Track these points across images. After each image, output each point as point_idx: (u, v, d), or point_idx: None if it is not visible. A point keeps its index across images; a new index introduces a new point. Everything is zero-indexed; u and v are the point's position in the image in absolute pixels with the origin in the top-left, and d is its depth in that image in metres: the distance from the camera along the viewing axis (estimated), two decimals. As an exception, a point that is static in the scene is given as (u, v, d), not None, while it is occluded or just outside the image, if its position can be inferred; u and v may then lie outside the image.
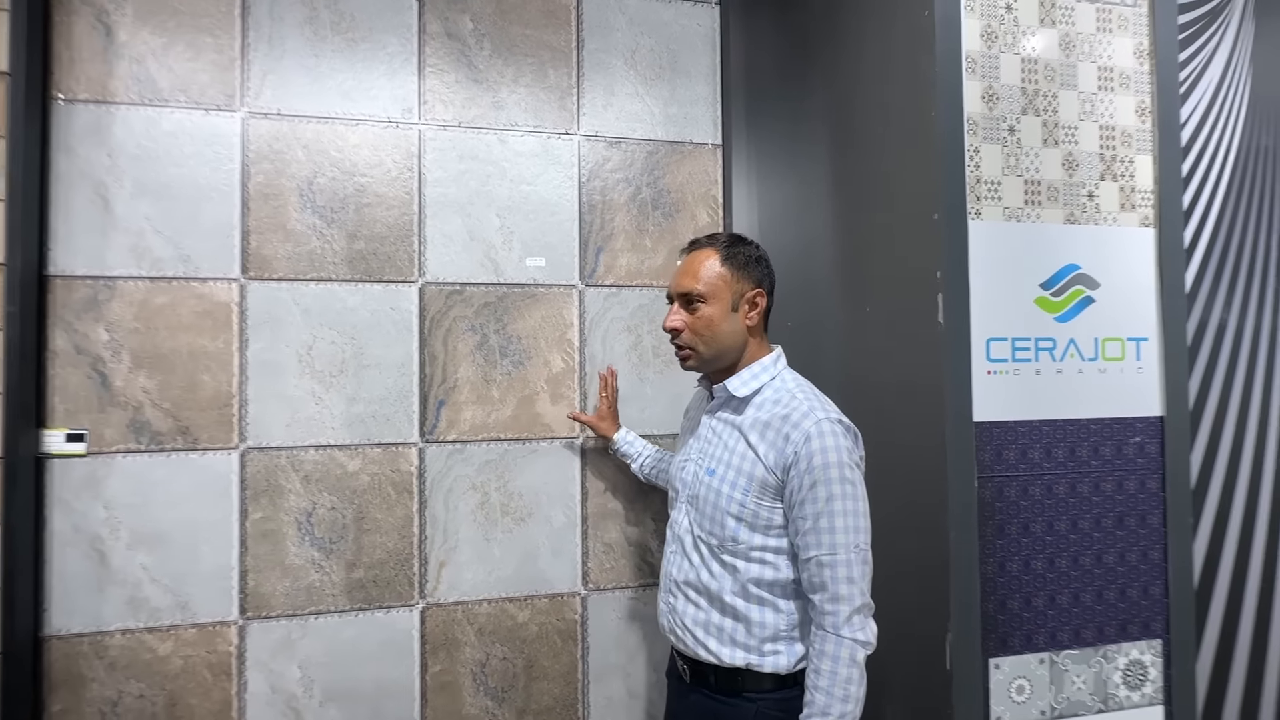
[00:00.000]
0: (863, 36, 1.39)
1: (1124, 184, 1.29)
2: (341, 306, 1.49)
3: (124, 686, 1.36)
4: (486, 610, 1.53)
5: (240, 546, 1.42)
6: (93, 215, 1.38)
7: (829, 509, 0.96)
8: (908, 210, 1.25)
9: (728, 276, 1.06)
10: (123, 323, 1.39)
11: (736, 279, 1.06)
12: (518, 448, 1.56)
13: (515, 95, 1.59)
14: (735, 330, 1.06)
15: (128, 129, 1.40)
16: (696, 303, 1.06)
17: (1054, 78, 1.26)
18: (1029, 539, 1.22)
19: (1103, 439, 1.26)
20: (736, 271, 1.06)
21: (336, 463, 1.47)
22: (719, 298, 1.05)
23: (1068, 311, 1.25)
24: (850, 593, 0.95)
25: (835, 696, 0.94)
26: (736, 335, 1.06)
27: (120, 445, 1.38)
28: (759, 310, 1.07)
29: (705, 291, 1.05)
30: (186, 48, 1.43)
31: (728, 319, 1.05)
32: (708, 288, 1.05)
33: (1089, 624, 1.24)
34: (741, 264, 1.07)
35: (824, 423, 0.99)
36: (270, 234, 1.46)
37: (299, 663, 1.44)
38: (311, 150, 1.48)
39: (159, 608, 1.38)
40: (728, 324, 1.05)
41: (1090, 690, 1.23)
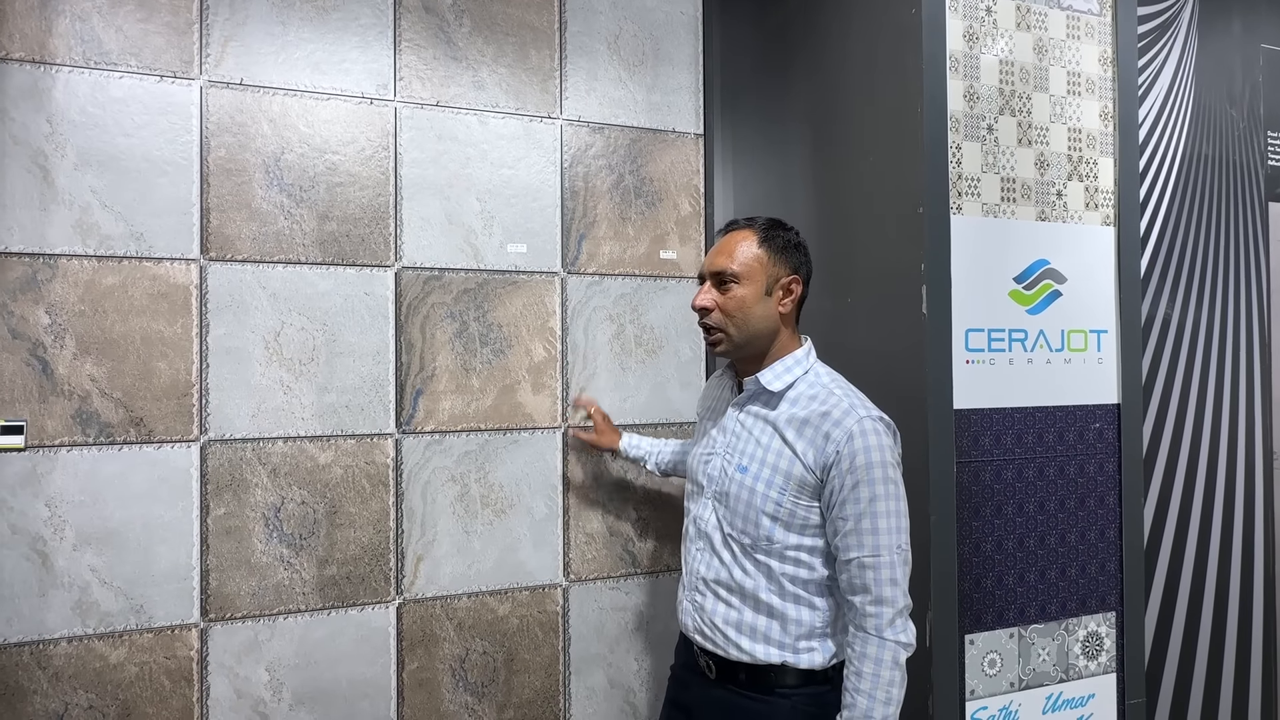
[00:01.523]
0: (846, 31, 1.41)
1: (1089, 184, 1.36)
2: (312, 291, 1.41)
3: (71, 698, 1.26)
4: (466, 604, 1.50)
5: (201, 545, 1.34)
6: (30, 186, 1.26)
7: (872, 510, 0.94)
8: (892, 204, 1.28)
9: (764, 259, 1.02)
10: (66, 305, 1.28)
11: (773, 262, 1.03)
12: (498, 438, 1.53)
13: (496, 75, 1.54)
14: (767, 315, 1.03)
15: (70, 94, 1.28)
16: (729, 283, 1.02)
17: (1028, 80, 1.32)
18: (1002, 520, 1.28)
19: (1067, 425, 1.33)
20: (774, 255, 1.03)
21: (307, 455, 1.40)
22: (753, 279, 1.01)
23: (1038, 304, 1.32)
24: (894, 595, 0.94)
25: (877, 700, 0.93)
26: (768, 321, 1.03)
27: (64, 438, 1.27)
28: (793, 298, 1.04)
29: (740, 272, 1.01)
30: (137, 7, 1.32)
31: (761, 303, 1.02)
32: (743, 268, 1.02)
33: (1053, 599, 1.31)
34: (779, 248, 1.04)
35: (865, 421, 0.97)
36: (233, 212, 1.37)
37: (267, 665, 1.37)
38: (278, 124, 1.40)
39: (110, 612, 1.29)
40: (760, 308, 1.02)
41: (1054, 661, 1.31)
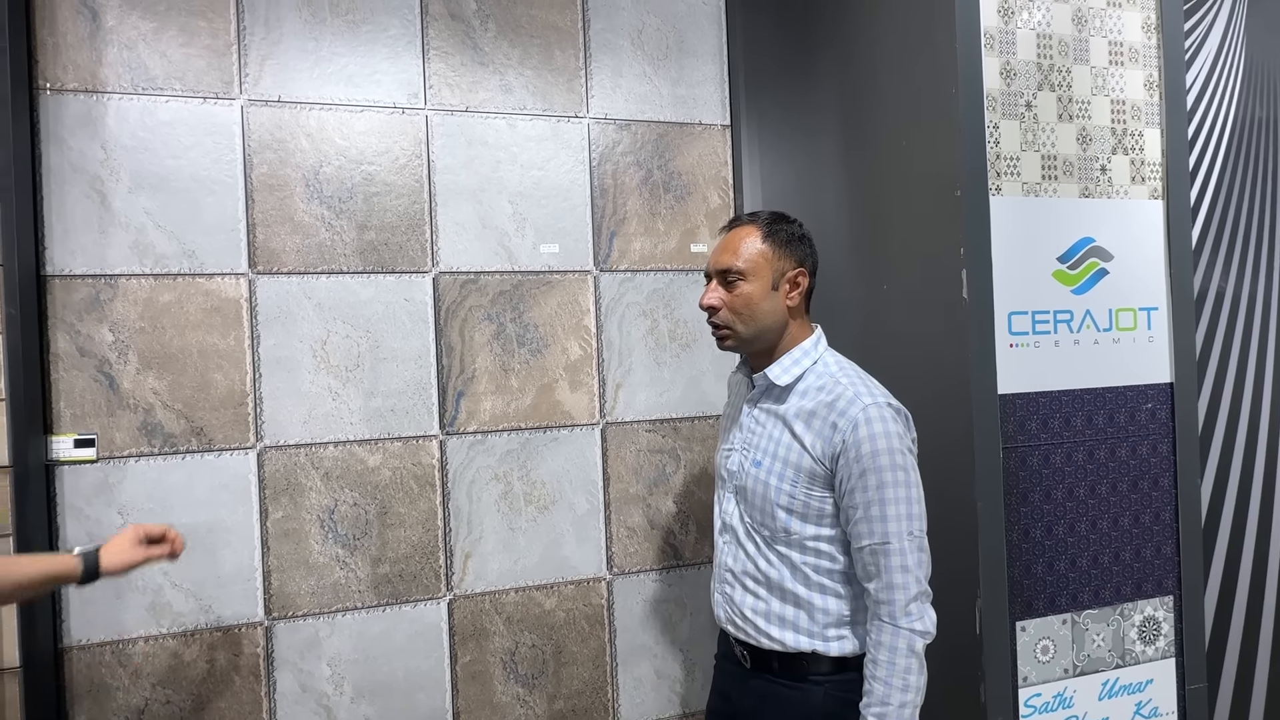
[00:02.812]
0: (876, 12, 1.39)
1: (1134, 157, 1.32)
2: (354, 299, 1.45)
3: (150, 693, 1.34)
4: (513, 599, 1.53)
5: (262, 547, 1.40)
6: (89, 211, 1.33)
7: (880, 496, 0.95)
8: (928, 187, 1.26)
9: (769, 254, 1.03)
10: (127, 322, 1.34)
11: (778, 256, 1.03)
12: (538, 436, 1.56)
13: (522, 78, 1.56)
14: (775, 310, 1.03)
15: (121, 119, 1.34)
16: (735, 280, 1.03)
17: (1067, 53, 1.28)
18: (1051, 505, 1.26)
19: (1117, 406, 1.30)
20: (778, 249, 1.03)
21: (356, 458, 1.45)
22: (759, 275, 1.02)
23: (1084, 284, 1.28)
24: (905, 581, 0.94)
25: (894, 686, 0.94)
26: (776, 315, 1.04)
27: (132, 449, 1.34)
28: (800, 290, 1.05)
29: (745, 269, 1.02)
30: (179, 32, 1.37)
31: (767, 298, 1.03)
32: (747, 265, 1.02)
33: (1107, 584, 1.29)
34: (783, 241, 1.04)
35: (871, 408, 0.96)
36: (277, 226, 1.41)
37: (328, 660, 1.43)
38: (316, 138, 1.44)
39: (182, 613, 1.36)
40: (767, 303, 1.03)
41: (1109, 647, 1.29)
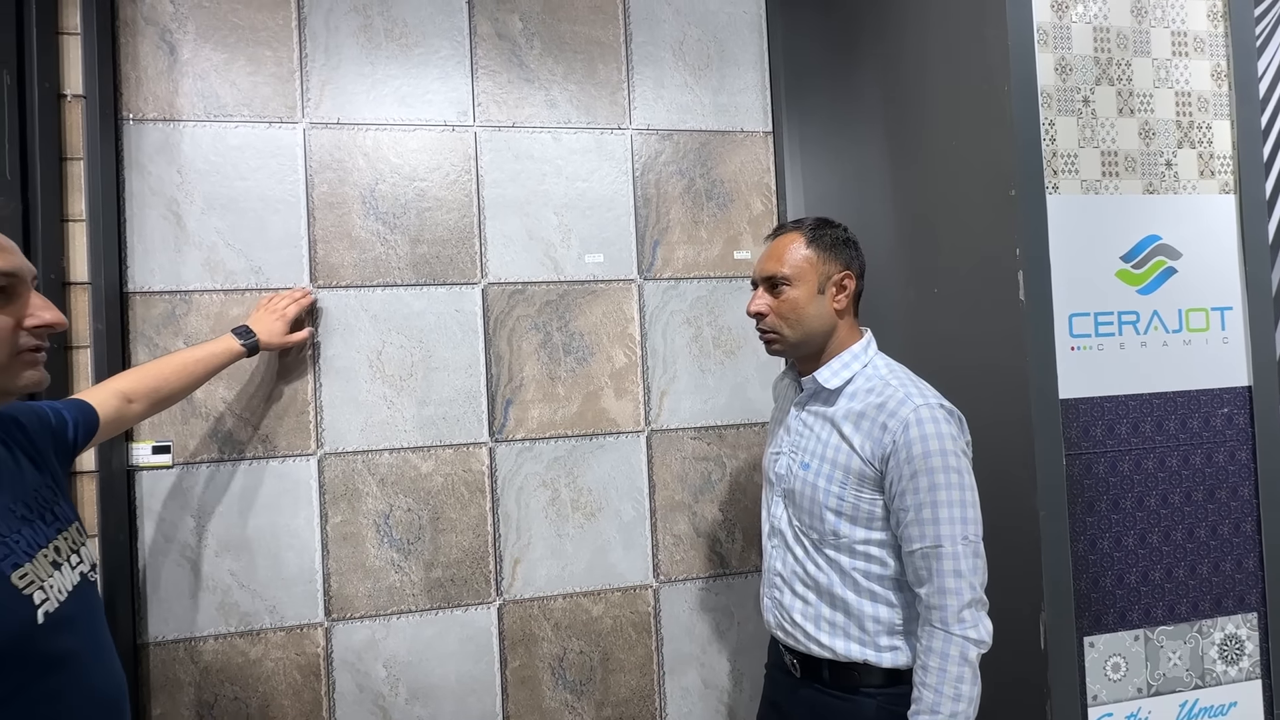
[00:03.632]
0: (923, 12, 1.37)
1: (1202, 150, 1.26)
2: (408, 311, 1.50)
3: (219, 690, 1.40)
4: (561, 605, 1.55)
5: (322, 550, 1.45)
6: (166, 231, 1.41)
7: (932, 499, 0.93)
8: (981, 188, 1.23)
9: (814, 259, 1.04)
10: (200, 335, 1.42)
11: (823, 261, 1.04)
12: (585, 443, 1.57)
13: (566, 92, 1.60)
14: (822, 313, 1.04)
15: (195, 145, 1.43)
16: (781, 285, 1.04)
17: (1127, 45, 1.23)
18: (1119, 515, 1.20)
19: (1190, 411, 1.24)
20: (823, 253, 1.04)
21: (410, 465, 1.49)
22: (805, 280, 1.03)
23: (1150, 283, 1.23)
24: (959, 586, 0.92)
25: (945, 695, 0.91)
26: (824, 319, 1.04)
27: (204, 455, 1.41)
28: (847, 293, 1.05)
29: (790, 274, 1.03)
30: (247, 62, 1.45)
31: (814, 301, 1.03)
32: (793, 270, 1.04)
33: (1183, 599, 1.22)
34: (828, 245, 1.05)
35: (923, 409, 0.96)
36: (336, 242, 1.48)
37: (384, 662, 1.47)
38: (372, 157, 1.50)
39: (248, 612, 1.42)
40: (814, 307, 1.03)
41: (1186, 666, 1.22)
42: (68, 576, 0.76)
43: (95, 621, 0.80)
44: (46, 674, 0.70)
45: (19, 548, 0.72)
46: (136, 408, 1.10)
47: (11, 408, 0.84)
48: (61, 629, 0.73)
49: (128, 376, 1.11)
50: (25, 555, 0.72)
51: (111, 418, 1.02)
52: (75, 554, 0.79)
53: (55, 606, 0.72)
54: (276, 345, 1.32)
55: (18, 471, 0.78)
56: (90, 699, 0.75)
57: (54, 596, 0.73)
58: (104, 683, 0.78)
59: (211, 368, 1.23)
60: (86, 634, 0.77)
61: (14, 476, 0.77)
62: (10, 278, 0.71)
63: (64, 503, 0.83)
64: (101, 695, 0.77)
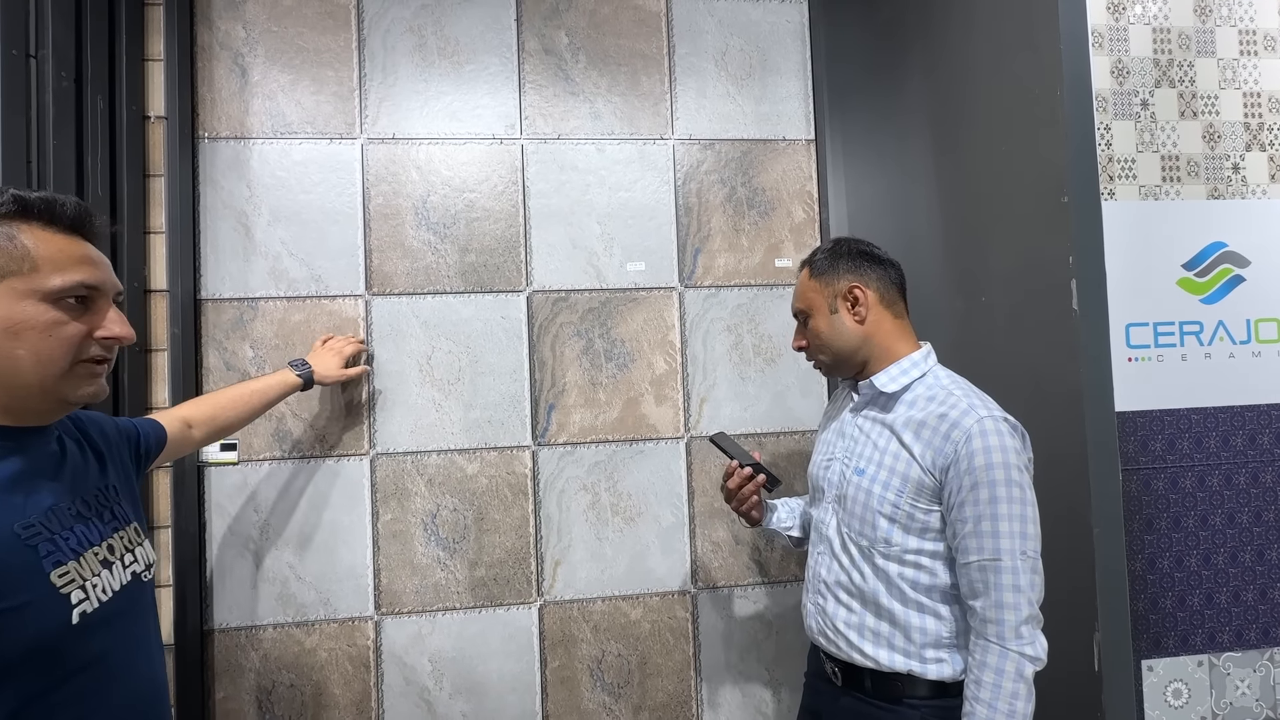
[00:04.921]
0: (970, 19, 1.35)
1: (1273, 153, 1.21)
2: (456, 317, 1.56)
3: (277, 677, 1.47)
4: (601, 608, 1.57)
5: (373, 547, 1.51)
6: (236, 242, 1.51)
7: (992, 511, 0.92)
8: (1031, 195, 1.21)
9: (816, 285, 1.10)
10: (265, 340, 1.50)
11: (824, 283, 1.09)
12: (625, 449, 1.60)
13: (610, 104, 1.63)
14: (844, 331, 1.07)
15: (263, 161, 1.52)
16: (804, 320, 1.12)
17: (1189, 46, 1.19)
18: (1180, 534, 1.15)
19: (1260, 427, 1.18)
20: (822, 276, 1.09)
21: (457, 466, 1.54)
22: (816, 308, 1.10)
23: (1215, 292, 1.18)
24: (1017, 601, 0.90)
25: (999, 711, 0.89)
26: (848, 335, 1.06)
27: (266, 453, 1.49)
28: (863, 304, 1.06)
29: (804, 307, 1.11)
30: (311, 82, 1.54)
31: (830, 323, 1.08)
32: (805, 303, 1.11)
33: (1252, 625, 1.16)
34: (824, 268, 1.09)
35: (986, 420, 0.95)
36: (390, 252, 1.55)
37: (429, 657, 1.52)
38: (424, 170, 1.56)
39: (305, 604, 1.49)
40: (832, 328, 1.08)
41: (1256, 695, 1.15)
42: (117, 576, 0.77)
43: (141, 621, 0.80)
44: (77, 674, 0.71)
45: (66, 545, 0.73)
46: (196, 434, 1.15)
47: (90, 414, 0.88)
48: (97, 629, 0.73)
49: (190, 405, 1.17)
50: (72, 553, 0.73)
51: (176, 439, 1.07)
52: (130, 553, 0.80)
53: (94, 606, 0.73)
54: (331, 379, 1.38)
55: (84, 468, 0.81)
56: (120, 701, 0.74)
57: (95, 596, 0.73)
58: (137, 685, 0.77)
59: (269, 399, 1.27)
60: (127, 635, 0.77)
61: (79, 472, 0.79)
62: (93, 290, 0.74)
63: (126, 504, 0.84)
64: (132, 698, 0.76)
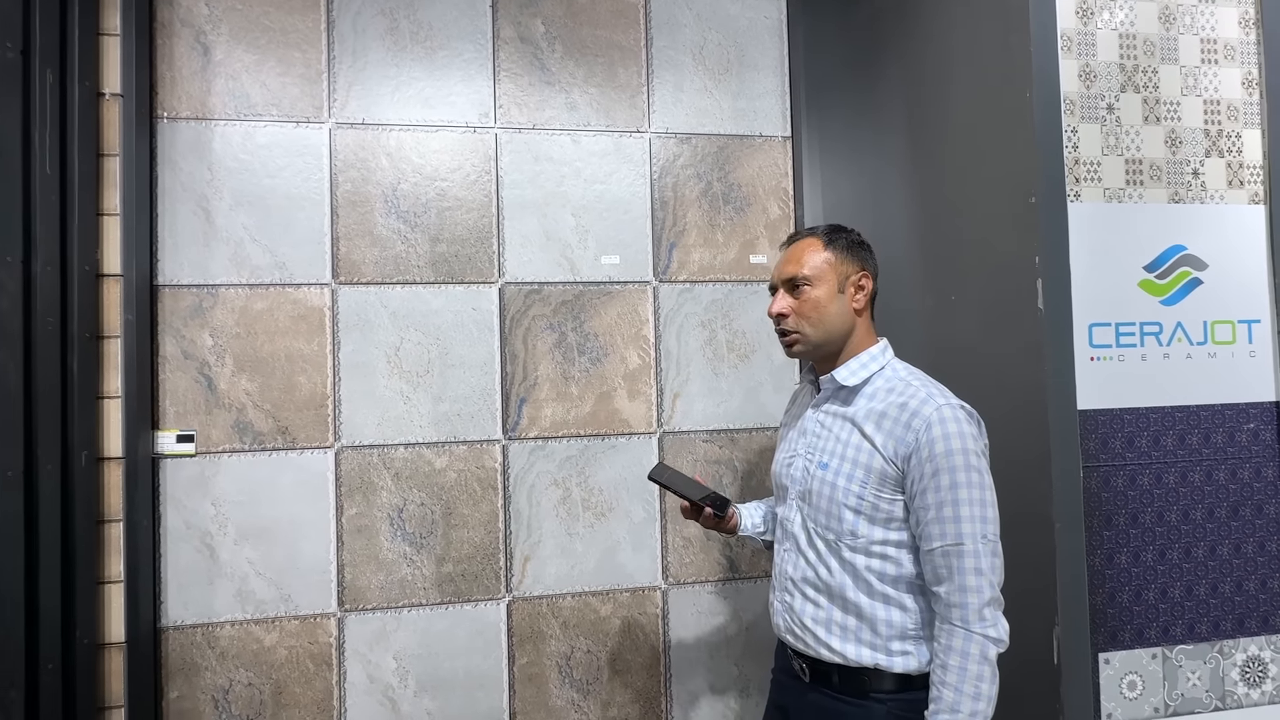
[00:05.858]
0: (946, 19, 1.36)
1: (1231, 160, 1.24)
2: (426, 308, 1.53)
3: (234, 675, 1.43)
4: (570, 604, 1.56)
5: (337, 541, 1.48)
6: (196, 227, 1.45)
7: (953, 497, 0.94)
8: (1000, 195, 1.22)
9: (832, 260, 1.07)
10: (225, 328, 1.46)
11: (841, 261, 1.07)
12: (597, 444, 1.58)
13: (587, 95, 1.61)
14: (843, 312, 1.06)
15: (226, 143, 1.47)
16: (802, 286, 1.06)
17: (1153, 52, 1.22)
18: (1138, 530, 1.18)
19: (1214, 426, 1.21)
20: (840, 254, 1.07)
21: (425, 460, 1.52)
22: (825, 280, 1.06)
23: (1174, 294, 1.21)
24: (979, 584, 0.92)
25: (965, 694, 0.91)
26: (844, 317, 1.06)
27: (225, 445, 1.45)
28: (866, 293, 1.08)
29: (811, 275, 1.06)
30: (277, 63, 1.49)
31: (835, 300, 1.06)
32: (813, 271, 1.06)
33: (1203, 618, 1.19)
34: (844, 247, 1.08)
35: (945, 408, 0.97)
36: (358, 239, 1.51)
37: (394, 654, 1.49)
38: (395, 157, 1.53)
39: (264, 600, 1.45)
40: (835, 305, 1.06)
41: (1206, 687, 1.19)
42: None
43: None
44: None
45: None
46: None
47: None
48: None
49: None
50: None
51: None
52: None
53: None
54: None
55: None
56: None
57: None
58: None
59: None
60: None
61: None
62: None
63: None
64: None
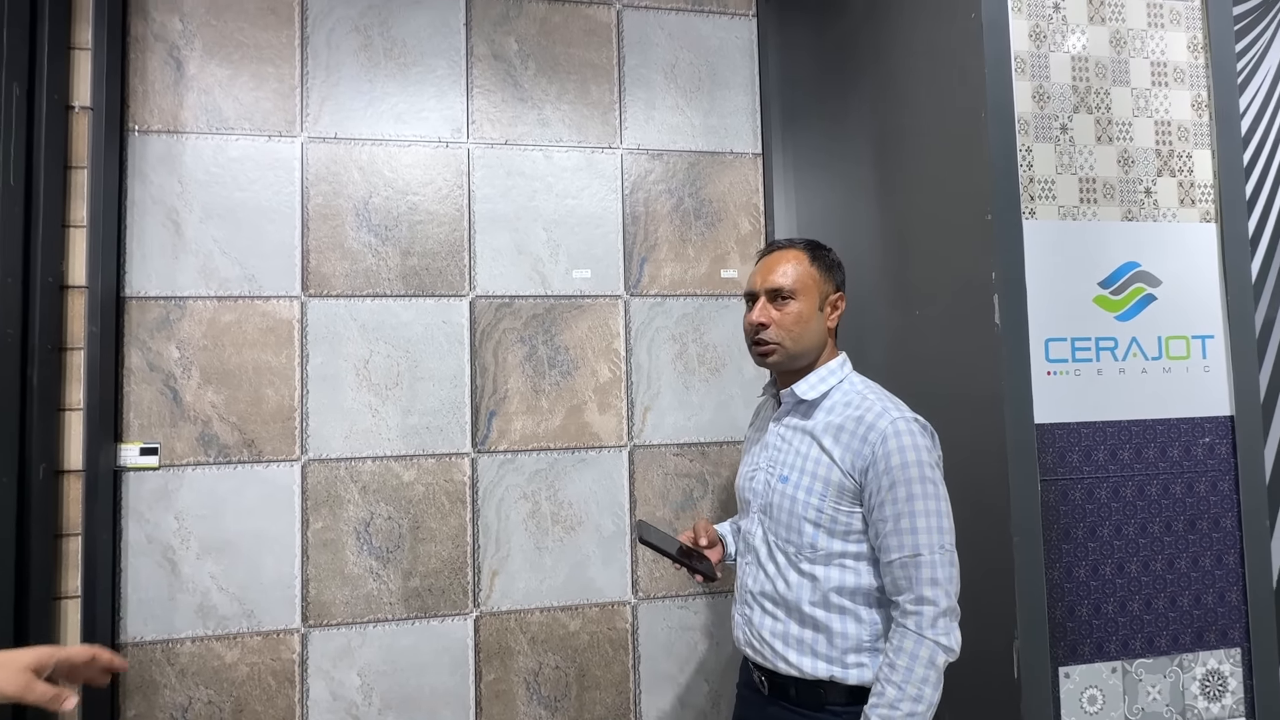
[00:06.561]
0: (908, 42, 1.40)
1: (1182, 179, 1.27)
2: (396, 321, 1.53)
3: (194, 693, 1.41)
4: (538, 619, 1.54)
5: (302, 556, 1.46)
6: (165, 239, 1.46)
7: (910, 509, 0.95)
8: (959, 212, 1.24)
9: (817, 276, 1.08)
10: (192, 340, 1.45)
11: (824, 280, 1.09)
12: (567, 457, 1.58)
13: (559, 112, 1.63)
14: (820, 330, 1.08)
15: (197, 156, 1.48)
16: (787, 299, 1.07)
17: (1105, 75, 1.25)
18: (1096, 543, 1.19)
19: (1170, 440, 1.22)
20: (823, 272, 1.09)
21: (393, 473, 1.51)
22: (809, 296, 1.07)
23: (1129, 310, 1.23)
24: (935, 595, 0.94)
25: (907, 695, 0.92)
26: (820, 334, 1.08)
27: (190, 458, 1.44)
28: (839, 313, 1.10)
29: (797, 289, 1.07)
30: (250, 78, 1.50)
31: (815, 317, 1.08)
32: (799, 285, 1.07)
33: (1162, 632, 1.20)
34: (827, 266, 1.10)
35: (899, 421, 0.98)
36: (329, 252, 1.51)
37: (359, 670, 1.47)
38: (367, 171, 1.54)
39: (226, 616, 1.43)
40: (815, 322, 1.08)
41: (1166, 701, 1.19)
42: None
43: None
44: None
45: None
46: None
47: None
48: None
49: None
50: None
51: None
52: None
53: None
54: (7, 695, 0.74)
55: None
56: None
57: None
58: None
59: None
60: None
61: None
62: None
63: None
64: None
